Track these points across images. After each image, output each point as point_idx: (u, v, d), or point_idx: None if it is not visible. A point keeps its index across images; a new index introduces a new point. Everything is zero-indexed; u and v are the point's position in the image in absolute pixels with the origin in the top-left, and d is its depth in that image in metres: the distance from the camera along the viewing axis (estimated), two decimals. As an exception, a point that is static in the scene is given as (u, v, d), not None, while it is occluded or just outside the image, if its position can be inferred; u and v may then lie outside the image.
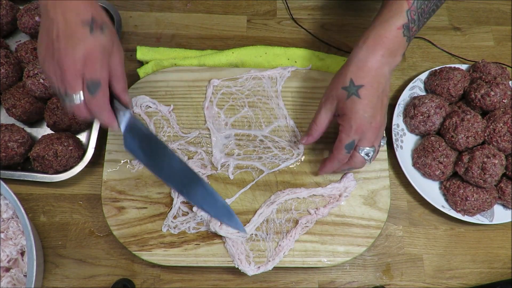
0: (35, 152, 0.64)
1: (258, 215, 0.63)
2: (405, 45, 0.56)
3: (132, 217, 0.63)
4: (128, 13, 0.81)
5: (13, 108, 0.67)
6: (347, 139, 0.55)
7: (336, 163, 0.59)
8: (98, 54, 0.48)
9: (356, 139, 0.55)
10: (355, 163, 0.58)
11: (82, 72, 0.48)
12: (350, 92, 0.54)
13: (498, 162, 0.64)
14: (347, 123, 0.55)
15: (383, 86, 0.55)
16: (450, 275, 0.68)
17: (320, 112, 0.59)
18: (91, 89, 0.48)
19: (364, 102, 0.54)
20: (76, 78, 0.47)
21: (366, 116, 0.54)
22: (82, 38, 0.47)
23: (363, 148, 0.56)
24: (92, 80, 0.48)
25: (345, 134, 0.55)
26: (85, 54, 0.47)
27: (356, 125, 0.54)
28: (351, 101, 0.54)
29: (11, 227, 0.61)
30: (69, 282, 0.64)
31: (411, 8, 0.55)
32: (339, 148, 0.56)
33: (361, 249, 0.63)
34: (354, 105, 0.54)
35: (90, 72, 0.48)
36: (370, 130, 0.55)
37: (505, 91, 0.69)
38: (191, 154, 0.67)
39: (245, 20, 0.83)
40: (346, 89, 0.55)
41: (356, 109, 0.54)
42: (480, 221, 0.68)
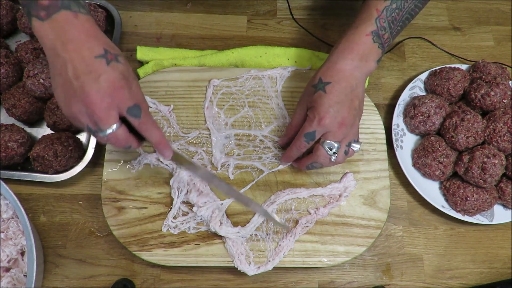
0: (35, 152, 0.64)
1: (258, 215, 0.63)
2: (378, 52, 0.57)
3: (132, 217, 0.63)
4: (128, 13, 0.81)
5: (13, 108, 0.67)
6: (308, 128, 0.56)
7: (294, 150, 0.60)
8: (122, 82, 0.48)
9: (319, 131, 0.56)
10: (318, 156, 0.57)
11: (116, 105, 0.47)
12: (317, 87, 0.56)
13: (498, 162, 0.64)
14: (312, 114, 0.56)
15: (353, 86, 0.56)
16: (450, 275, 0.68)
17: (296, 112, 0.61)
18: (135, 114, 0.49)
19: (329, 96, 0.55)
20: (107, 112, 0.47)
21: (331, 110, 0.55)
22: (101, 71, 0.47)
23: (325, 141, 0.56)
24: (131, 106, 0.48)
25: (308, 123, 0.56)
26: (110, 85, 0.47)
27: (319, 116, 0.55)
28: (317, 95, 0.56)
29: (11, 227, 0.61)
30: (69, 282, 0.64)
31: (380, 16, 0.56)
32: (300, 135, 0.57)
33: (361, 249, 0.63)
34: (320, 98, 0.55)
35: (125, 101, 0.48)
36: (335, 125, 0.55)
37: (505, 91, 0.69)
38: (191, 154, 0.67)
39: (245, 20, 0.83)
40: (314, 86, 0.57)
41: (321, 102, 0.55)
42: (480, 221, 0.68)
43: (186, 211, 0.63)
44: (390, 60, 0.81)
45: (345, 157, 0.59)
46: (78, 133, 0.71)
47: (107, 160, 0.65)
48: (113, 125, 0.48)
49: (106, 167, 0.65)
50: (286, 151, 0.62)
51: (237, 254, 0.61)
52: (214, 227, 0.61)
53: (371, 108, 0.71)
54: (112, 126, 0.48)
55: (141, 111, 0.49)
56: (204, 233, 0.63)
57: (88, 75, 0.46)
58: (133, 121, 0.50)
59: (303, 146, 0.58)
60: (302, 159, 0.62)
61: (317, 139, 0.57)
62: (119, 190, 0.64)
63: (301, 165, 0.62)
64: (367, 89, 0.78)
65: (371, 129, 0.70)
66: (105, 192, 0.64)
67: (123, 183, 0.64)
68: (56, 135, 0.66)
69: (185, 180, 0.63)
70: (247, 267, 0.61)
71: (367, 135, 0.69)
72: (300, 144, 0.58)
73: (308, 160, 0.60)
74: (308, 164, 0.60)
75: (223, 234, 0.61)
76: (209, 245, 0.62)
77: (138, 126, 0.50)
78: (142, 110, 0.50)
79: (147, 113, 0.51)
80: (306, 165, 0.61)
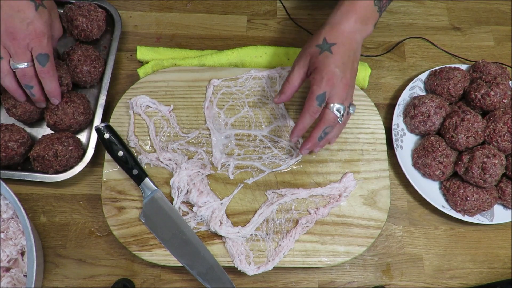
0: (35, 152, 0.64)
1: (258, 215, 0.63)
2: (376, 16, 0.60)
3: (132, 217, 0.63)
4: (128, 13, 0.81)
5: (13, 108, 0.67)
6: (318, 90, 0.56)
7: (307, 117, 0.57)
8: (45, 30, 0.57)
9: (327, 91, 0.56)
10: (328, 120, 0.57)
11: (31, 47, 0.57)
12: (323, 48, 0.57)
13: (498, 162, 0.64)
14: (319, 75, 0.56)
15: (354, 49, 0.58)
16: (450, 275, 0.68)
17: (293, 70, 0.60)
18: (41, 61, 0.58)
19: (336, 57, 0.56)
20: (25, 50, 0.57)
21: (337, 70, 0.56)
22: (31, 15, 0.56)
23: (333, 104, 0.57)
24: (42, 53, 0.58)
25: (317, 85, 0.56)
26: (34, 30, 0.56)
27: (327, 77, 0.55)
28: (323, 56, 0.56)
29: (11, 227, 0.61)
30: (69, 282, 0.64)
31: None
32: (310, 99, 0.57)
33: (361, 249, 0.63)
34: (326, 59, 0.56)
35: (40, 47, 0.57)
36: (341, 85, 0.56)
37: (505, 91, 0.69)
38: (191, 154, 0.67)
39: (245, 20, 0.83)
40: (319, 46, 0.57)
41: (328, 62, 0.56)
42: (480, 221, 0.68)
43: (186, 211, 0.63)
44: (390, 60, 0.81)
45: (348, 118, 0.62)
46: (78, 133, 0.71)
47: (107, 160, 0.65)
48: (26, 63, 0.58)
49: (106, 167, 0.65)
50: (298, 124, 0.58)
51: (237, 254, 0.61)
52: (214, 227, 0.61)
53: (371, 108, 0.71)
54: (25, 63, 0.58)
55: (48, 61, 0.59)
56: (204, 233, 0.63)
57: (16, 13, 0.55)
58: (37, 66, 0.59)
59: (316, 110, 0.57)
60: (312, 133, 0.59)
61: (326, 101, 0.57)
62: (119, 190, 0.64)
63: (312, 139, 0.59)
64: (367, 89, 0.78)
65: (371, 129, 0.70)
66: (105, 192, 0.64)
67: (123, 183, 0.64)
68: (56, 135, 0.66)
69: (185, 180, 0.63)
70: (247, 267, 0.61)
71: (367, 135, 0.69)
72: (313, 108, 0.57)
73: (318, 130, 0.58)
74: (321, 133, 0.58)
75: (223, 234, 0.61)
76: (209, 245, 0.62)
77: (40, 72, 0.59)
78: (49, 61, 0.59)
79: (52, 65, 0.60)
80: (319, 135, 0.58)
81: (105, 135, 0.62)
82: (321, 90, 0.56)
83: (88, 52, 0.70)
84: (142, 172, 0.63)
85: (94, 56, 0.71)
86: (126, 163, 0.62)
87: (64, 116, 0.66)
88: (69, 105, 0.67)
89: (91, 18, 0.72)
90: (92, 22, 0.72)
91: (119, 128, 0.67)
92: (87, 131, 0.71)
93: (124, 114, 0.69)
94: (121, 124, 0.68)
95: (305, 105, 0.58)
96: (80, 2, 0.73)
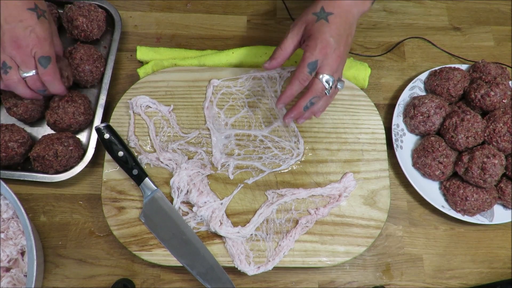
0: (35, 152, 0.64)
1: (258, 215, 0.63)
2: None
3: (132, 217, 0.63)
4: (128, 13, 0.81)
5: (14, 107, 0.67)
6: (310, 58, 0.55)
7: (297, 84, 0.57)
8: (47, 35, 0.59)
9: (319, 60, 0.55)
10: (315, 89, 0.57)
11: (34, 52, 0.58)
12: (319, 16, 0.56)
13: (498, 162, 0.64)
14: (313, 42, 0.55)
15: (350, 23, 0.57)
16: (450, 275, 0.68)
17: (287, 37, 0.58)
18: (43, 64, 0.59)
19: (332, 27, 0.55)
20: (30, 58, 0.58)
21: (332, 40, 0.55)
22: (33, 23, 0.58)
23: (323, 75, 0.56)
24: (44, 56, 0.59)
25: (310, 52, 0.55)
26: (37, 38, 0.58)
27: (321, 45, 0.55)
28: (320, 24, 0.55)
29: (11, 227, 0.61)
30: (69, 282, 0.64)
31: None
32: (301, 66, 0.56)
33: (361, 249, 0.63)
34: (322, 27, 0.55)
35: (41, 51, 0.59)
36: (333, 56, 0.56)
37: (505, 91, 0.69)
38: (191, 154, 0.67)
39: (245, 20, 0.83)
40: (316, 14, 0.56)
41: (323, 30, 0.55)
42: (480, 221, 0.68)
43: (186, 211, 0.63)
44: (390, 60, 0.81)
45: (335, 93, 0.61)
46: (78, 133, 0.71)
47: (107, 160, 0.65)
48: (33, 70, 0.59)
49: (106, 167, 0.65)
50: (286, 90, 0.58)
51: (237, 254, 0.61)
52: (214, 227, 0.61)
53: (371, 108, 0.71)
54: (32, 71, 0.59)
55: (50, 63, 0.60)
56: (204, 233, 0.63)
57: (19, 23, 0.57)
58: (39, 69, 0.59)
59: (306, 77, 0.56)
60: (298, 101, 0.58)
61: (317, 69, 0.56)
62: (119, 190, 0.64)
63: (298, 107, 0.58)
64: (367, 89, 0.78)
65: (371, 129, 0.70)
66: (105, 192, 0.64)
67: (123, 183, 0.64)
68: (56, 135, 0.66)
69: (185, 180, 0.63)
70: (247, 267, 0.61)
71: (367, 135, 0.69)
72: (304, 76, 0.56)
73: (305, 99, 0.58)
74: (307, 102, 0.58)
75: (223, 234, 0.61)
76: (209, 245, 0.62)
77: (42, 74, 0.60)
78: (50, 63, 0.60)
79: (54, 68, 0.61)
80: (304, 105, 0.58)
81: (105, 135, 0.62)
82: (313, 57, 0.55)
83: (90, 51, 0.70)
84: (142, 172, 0.63)
85: (96, 56, 0.71)
86: (126, 163, 0.62)
87: (65, 115, 0.66)
88: (70, 104, 0.67)
89: (91, 18, 0.72)
90: (92, 22, 0.72)
91: (119, 128, 0.67)
92: (87, 131, 0.71)
93: (124, 114, 0.69)
94: (121, 124, 0.68)
95: (296, 72, 0.57)
96: (80, 2, 0.73)
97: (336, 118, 0.70)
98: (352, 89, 0.72)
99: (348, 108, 0.71)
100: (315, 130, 0.69)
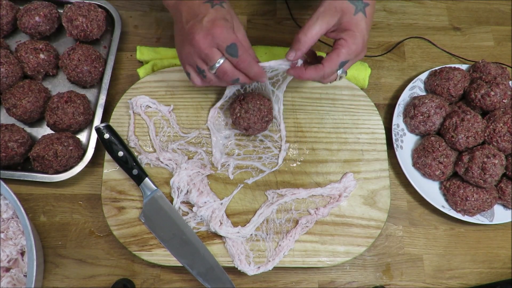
0: (35, 152, 0.64)
1: (258, 215, 0.63)
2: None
3: (132, 217, 0.63)
4: (128, 13, 0.81)
5: (14, 108, 0.67)
6: (345, 56, 0.51)
7: (320, 75, 0.53)
8: (221, 22, 0.50)
9: (351, 59, 0.53)
10: (327, 78, 0.54)
11: (216, 42, 0.51)
12: (358, 7, 0.51)
13: (498, 162, 0.64)
14: (351, 40, 0.51)
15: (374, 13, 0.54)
16: (450, 275, 0.68)
17: (316, 23, 0.51)
18: (232, 53, 0.51)
19: (368, 22, 0.52)
20: (210, 49, 0.51)
21: (366, 38, 0.52)
22: (205, 12, 0.51)
23: (343, 69, 0.54)
24: (228, 44, 0.51)
25: (346, 50, 0.51)
26: (210, 25, 0.50)
27: (358, 46, 0.51)
28: (359, 18, 0.51)
29: (11, 227, 0.61)
30: (69, 282, 0.64)
31: None
32: (333, 61, 0.51)
33: (361, 249, 0.63)
34: (361, 22, 0.51)
35: (223, 40, 0.50)
36: (361, 55, 0.53)
37: (505, 91, 0.69)
38: (191, 154, 0.67)
39: (245, 20, 0.83)
40: (354, 3, 0.51)
41: (362, 27, 0.51)
42: (480, 221, 0.68)
43: (186, 211, 0.63)
44: (390, 60, 0.81)
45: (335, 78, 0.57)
46: (78, 133, 0.71)
47: (107, 160, 0.65)
48: (220, 60, 0.52)
49: (106, 167, 0.65)
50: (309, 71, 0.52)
51: (237, 254, 0.61)
52: (214, 227, 0.61)
53: (371, 108, 0.71)
54: (219, 61, 0.52)
55: (238, 50, 0.51)
56: (204, 233, 0.63)
57: (195, 18, 0.52)
58: (231, 60, 0.52)
59: (332, 74, 0.53)
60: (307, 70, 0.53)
61: None
62: (119, 190, 0.64)
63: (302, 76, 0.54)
64: (367, 89, 0.78)
65: (371, 129, 0.70)
66: (105, 192, 0.64)
67: (123, 183, 0.64)
68: (56, 135, 0.66)
69: (185, 180, 0.63)
70: (247, 267, 0.61)
71: (367, 135, 0.69)
72: (332, 71, 0.52)
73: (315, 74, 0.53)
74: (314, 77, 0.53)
75: (223, 234, 0.61)
76: (209, 245, 0.62)
77: (236, 64, 0.52)
78: (238, 49, 0.51)
79: (245, 52, 0.52)
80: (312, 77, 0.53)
81: (105, 135, 0.62)
82: (348, 56, 0.51)
83: (88, 52, 0.70)
84: (142, 172, 0.63)
85: (95, 56, 0.71)
86: (126, 163, 0.62)
87: (64, 115, 0.66)
88: (69, 104, 0.67)
89: (91, 18, 0.72)
90: (92, 22, 0.72)
91: (119, 128, 0.67)
92: (87, 131, 0.71)
93: (124, 114, 0.69)
94: (121, 124, 0.68)
95: (325, 64, 0.52)
96: (80, 2, 0.73)
97: (336, 118, 0.70)
98: (352, 89, 0.72)
99: (348, 108, 0.71)
100: (315, 130, 0.69)
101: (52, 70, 0.73)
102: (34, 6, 0.72)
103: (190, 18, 0.52)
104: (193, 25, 0.51)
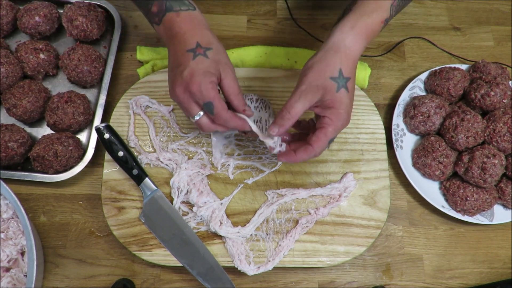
0: (35, 152, 0.64)
1: (258, 215, 0.63)
2: None
3: (132, 217, 0.63)
4: (128, 13, 0.81)
5: (14, 108, 0.67)
6: (332, 134, 0.52)
7: (312, 155, 0.53)
8: (201, 77, 0.50)
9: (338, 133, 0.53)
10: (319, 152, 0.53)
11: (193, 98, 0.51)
12: (339, 84, 0.51)
13: (498, 162, 0.64)
14: (336, 118, 0.51)
15: None
16: (450, 275, 0.68)
17: (298, 101, 0.51)
18: (208, 110, 0.52)
19: (350, 96, 0.52)
20: (189, 104, 0.52)
21: (350, 110, 0.52)
22: (186, 64, 0.51)
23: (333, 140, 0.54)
24: (205, 102, 0.51)
25: (333, 128, 0.51)
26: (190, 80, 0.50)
27: (344, 120, 0.52)
28: (341, 94, 0.51)
29: (11, 227, 0.61)
30: (69, 282, 0.64)
31: (393, 4, 0.55)
32: (323, 141, 0.52)
33: (361, 249, 0.63)
34: (344, 99, 0.51)
35: (199, 97, 0.51)
36: (346, 125, 0.53)
37: (505, 91, 0.69)
38: (191, 154, 0.67)
39: (245, 20, 0.83)
40: (335, 80, 0.51)
41: (345, 104, 0.51)
42: (480, 221, 0.68)
43: (186, 211, 0.63)
44: (390, 60, 0.81)
45: None
46: (78, 133, 0.71)
47: (107, 160, 0.65)
48: (200, 112, 0.53)
49: (106, 167, 0.65)
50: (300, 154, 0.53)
51: (237, 254, 0.61)
52: (214, 227, 0.61)
53: (371, 108, 0.71)
54: (199, 113, 0.53)
55: (213, 108, 0.52)
56: (204, 233, 0.63)
57: (178, 68, 0.52)
58: (208, 116, 0.53)
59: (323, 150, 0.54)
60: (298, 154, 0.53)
61: None
62: (119, 190, 0.64)
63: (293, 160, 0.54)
64: (367, 89, 0.78)
65: (371, 129, 0.70)
66: (105, 192, 0.64)
67: (123, 183, 0.64)
68: (56, 135, 0.66)
69: (185, 180, 0.63)
70: (247, 267, 0.61)
71: (367, 135, 0.69)
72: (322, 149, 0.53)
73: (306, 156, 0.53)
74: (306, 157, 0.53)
75: (223, 234, 0.61)
76: (209, 245, 0.62)
77: (214, 120, 0.53)
78: (214, 108, 0.51)
79: (221, 109, 0.52)
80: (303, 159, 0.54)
81: (105, 135, 0.62)
82: (335, 133, 0.52)
83: (88, 52, 0.70)
84: (142, 172, 0.63)
85: (95, 56, 0.71)
86: (126, 163, 0.62)
87: (64, 116, 0.66)
88: (69, 105, 0.67)
89: (91, 18, 0.72)
90: (92, 22, 0.72)
91: (119, 128, 0.67)
92: (87, 131, 0.71)
93: (124, 114, 0.69)
94: (121, 124, 0.68)
95: (314, 144, 0.52)
96: (80, 2, 0.73)
97: (336, 118, 0.70)
98: (352, 89, 0.72)
99: (348, 108, 0.71)
100: (315, 130, 0.69)
101: (52, 70, 0.73)
102: (34, 6, 0.72)
103: (174, 65, 0.53)
104: (175, 74, 0.52)
